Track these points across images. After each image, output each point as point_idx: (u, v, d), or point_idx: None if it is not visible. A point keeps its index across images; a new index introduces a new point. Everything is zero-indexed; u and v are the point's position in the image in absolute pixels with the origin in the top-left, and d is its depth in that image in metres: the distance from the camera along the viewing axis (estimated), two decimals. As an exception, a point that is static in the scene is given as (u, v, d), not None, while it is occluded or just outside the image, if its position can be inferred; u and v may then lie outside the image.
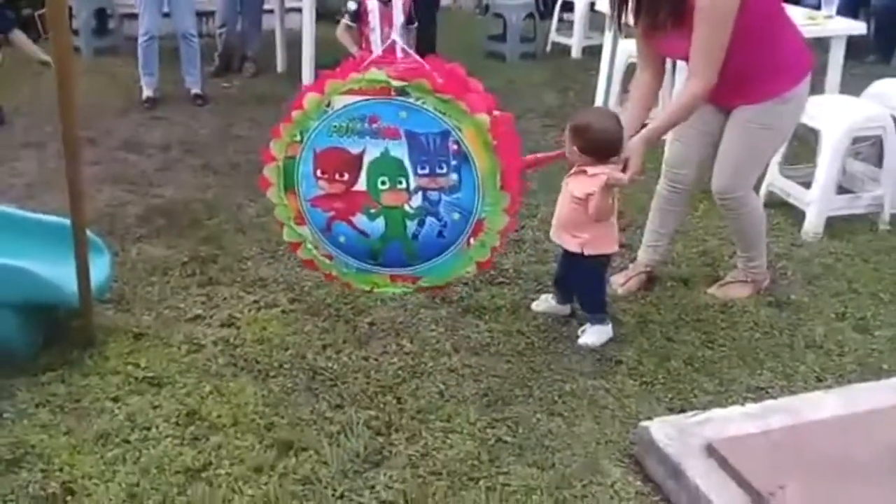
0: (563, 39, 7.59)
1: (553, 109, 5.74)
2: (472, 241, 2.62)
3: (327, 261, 2.78)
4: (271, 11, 6.95)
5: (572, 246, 2.89)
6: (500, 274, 3.43)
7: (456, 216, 2.59)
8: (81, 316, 2.88)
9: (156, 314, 3.13)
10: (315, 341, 2.98)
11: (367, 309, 3.17)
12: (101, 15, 7.41)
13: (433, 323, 3.09)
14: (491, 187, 2.54)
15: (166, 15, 5.84)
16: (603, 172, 2.72)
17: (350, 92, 2.54)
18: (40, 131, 4.95)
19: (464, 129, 2.49)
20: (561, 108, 5.69)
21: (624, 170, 2.75)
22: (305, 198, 2.69)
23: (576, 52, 7.40)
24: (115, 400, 2.64)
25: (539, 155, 2.89)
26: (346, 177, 2.62)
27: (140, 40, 5.73)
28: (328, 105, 2.57)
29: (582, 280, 2.99)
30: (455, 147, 2.51)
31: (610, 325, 2.99)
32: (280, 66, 6.86)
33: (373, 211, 2.64)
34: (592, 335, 2.96)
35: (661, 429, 2.37)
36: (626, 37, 4.53)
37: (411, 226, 2.63)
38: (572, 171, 2.86)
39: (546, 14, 7.99)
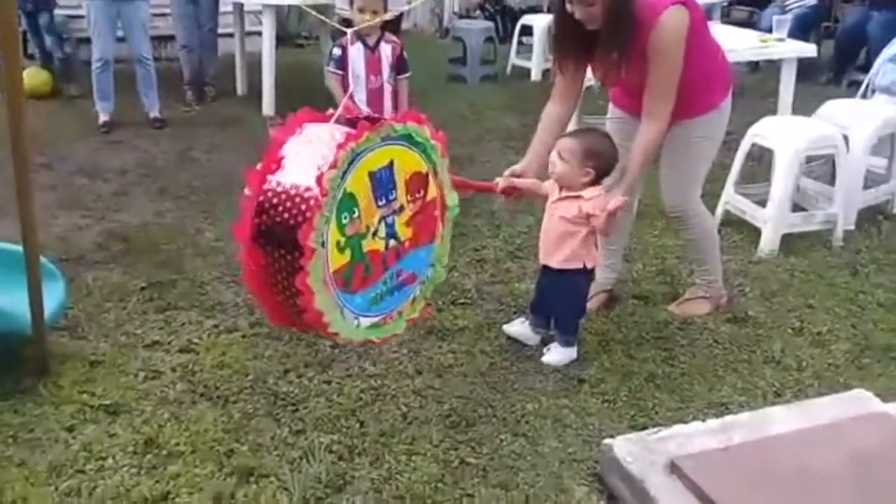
0: (522, 63, 7.67)
1: (513, 132, 5.77)
2: None
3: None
4: (231, 35, 6.93)
5: (571, 264, 2.88)
6: (463, 295, 3.43)
7: None
8: (35, 344, 2.82)
9: (112, 341, 3.07)
10: (276, 365, 2.94)
11: (329, 332, 3.14)
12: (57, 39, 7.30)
13: (396, 345, 3.07)
14: None
15: (121, 39, 5.78)
16: (602, 196, 2.79)
17: None
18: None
19: None
20: (520, 131, 5.74)
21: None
22: None
23: (535, 75, 7.48)
24: (70, 430, 2.57)
25: (470, 181, 2.84)
26: None
27: (94, 66, 5.67)
28: None
29: (565, 298, 2.98)
30: None
31: (575, 348, 2.99)
32: (240, 89, 6.84)
33: None
34: (557, 354, 2.97)
35: (624, 446, 2.37)
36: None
37: None
38: (559, 196, 2.87)
39: (506, 38, 8.08)
